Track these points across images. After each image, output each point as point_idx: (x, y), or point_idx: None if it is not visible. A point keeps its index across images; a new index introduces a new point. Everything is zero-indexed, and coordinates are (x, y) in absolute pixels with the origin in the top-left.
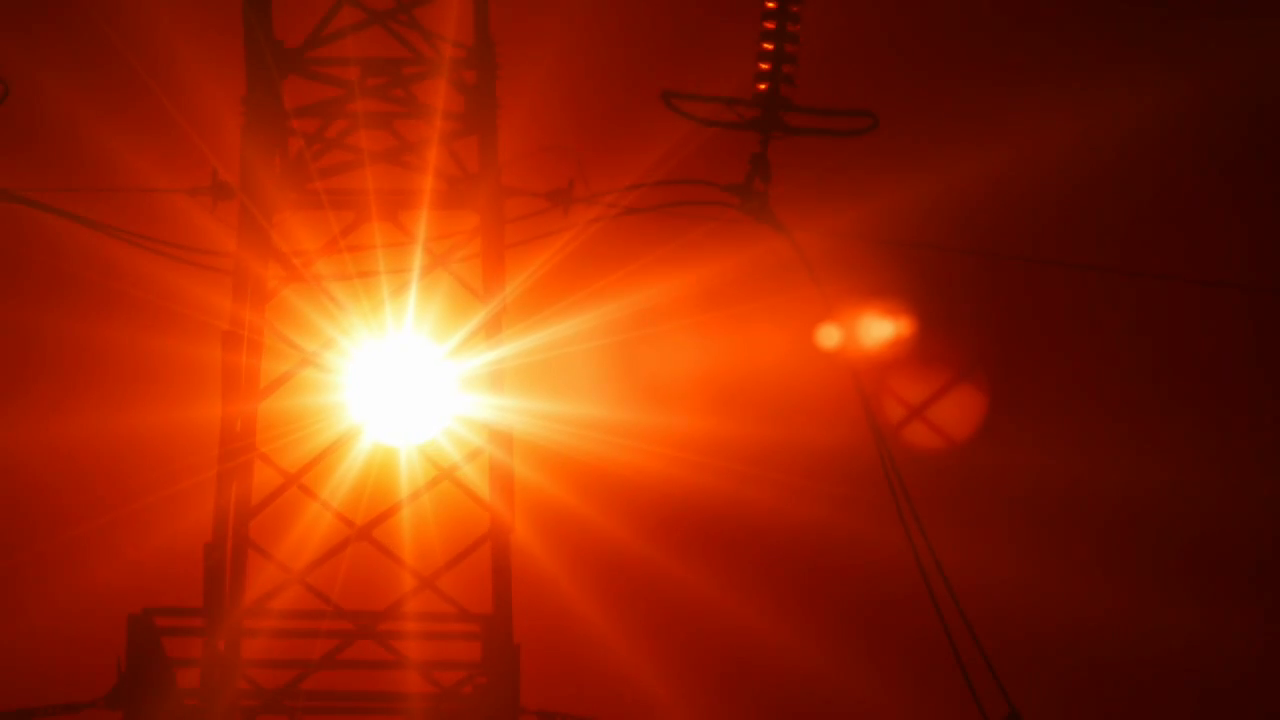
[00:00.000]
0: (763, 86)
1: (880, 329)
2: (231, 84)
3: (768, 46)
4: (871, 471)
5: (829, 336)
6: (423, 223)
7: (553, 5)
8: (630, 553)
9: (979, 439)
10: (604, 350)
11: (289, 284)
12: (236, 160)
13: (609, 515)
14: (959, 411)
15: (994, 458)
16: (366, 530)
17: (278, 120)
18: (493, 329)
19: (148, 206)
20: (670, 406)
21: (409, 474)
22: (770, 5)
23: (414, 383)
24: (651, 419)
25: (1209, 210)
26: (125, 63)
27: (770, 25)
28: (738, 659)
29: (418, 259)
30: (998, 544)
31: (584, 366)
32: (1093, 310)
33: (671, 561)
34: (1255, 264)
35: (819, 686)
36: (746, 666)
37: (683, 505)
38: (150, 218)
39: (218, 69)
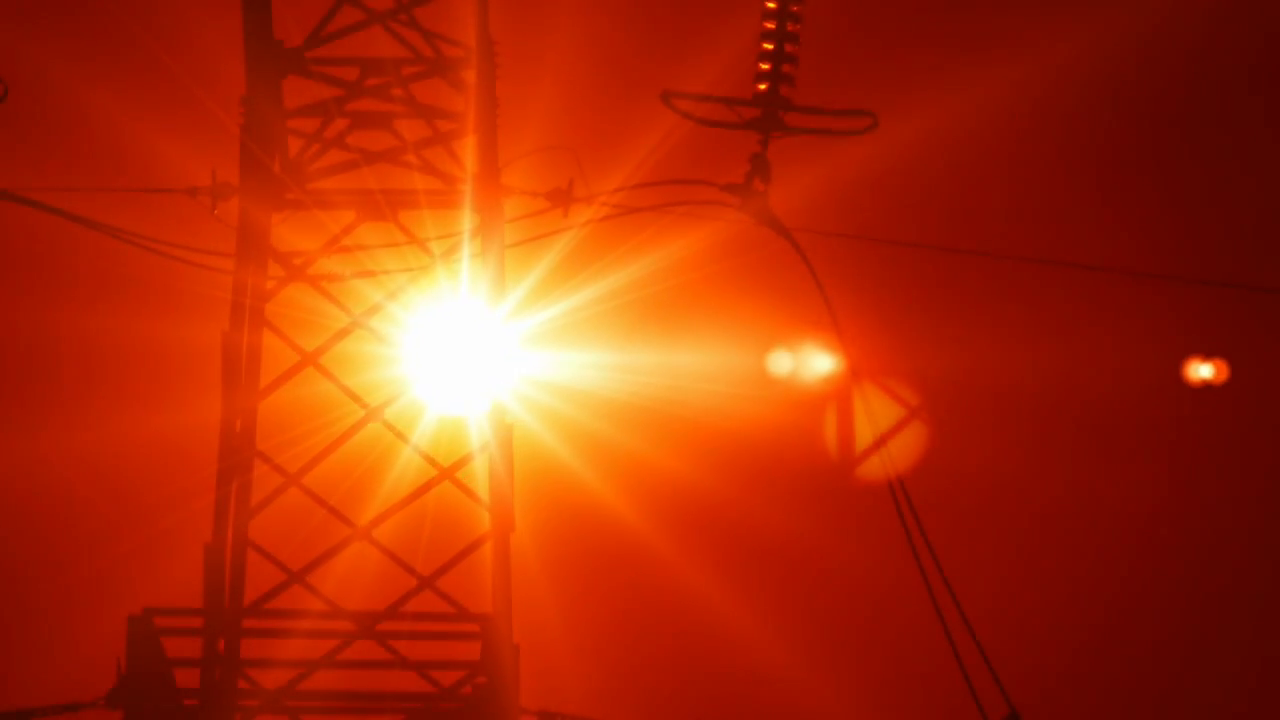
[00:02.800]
0: (763, 86)
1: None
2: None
3: (768, 46)
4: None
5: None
6: (423, 223)
7: (553, 5)
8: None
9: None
10: (616, 311)
11: (289, 284)
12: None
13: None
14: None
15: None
16: (367, 530)
17: (277, 120)
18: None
19: (164, 200)
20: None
21: (406, 472)
22: (770, 5)
23: (418, 376)
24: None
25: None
26: (151, 53)
27: (770, 25)
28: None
29: (467, 252)
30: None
31: (599, 330)
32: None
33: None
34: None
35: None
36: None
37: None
38: (166, 212)
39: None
